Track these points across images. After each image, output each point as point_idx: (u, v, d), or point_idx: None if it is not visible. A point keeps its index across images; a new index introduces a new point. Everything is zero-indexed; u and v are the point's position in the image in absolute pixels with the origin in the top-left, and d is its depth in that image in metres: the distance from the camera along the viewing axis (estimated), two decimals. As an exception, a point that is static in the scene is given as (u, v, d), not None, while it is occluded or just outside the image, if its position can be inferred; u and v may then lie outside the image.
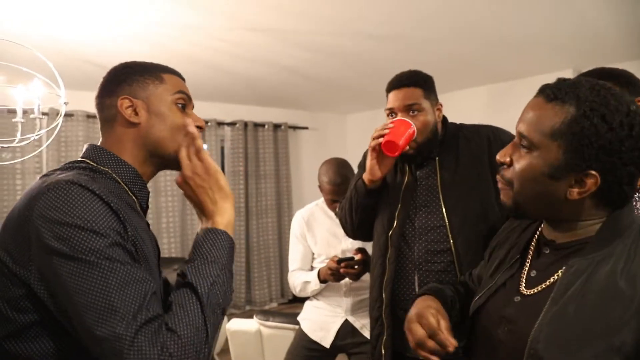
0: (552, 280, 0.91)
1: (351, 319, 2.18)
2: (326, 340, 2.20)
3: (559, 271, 0.91)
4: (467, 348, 1.08)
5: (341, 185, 2.19)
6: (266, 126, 5.33)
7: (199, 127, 1.09)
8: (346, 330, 2.18)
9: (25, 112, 2.41)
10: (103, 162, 1.02)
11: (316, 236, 2.32)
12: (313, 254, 2.37)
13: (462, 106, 3.91)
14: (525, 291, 0.95)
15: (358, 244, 2.15)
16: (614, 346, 0.80)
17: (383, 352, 1.68)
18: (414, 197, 1.64)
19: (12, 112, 2.45)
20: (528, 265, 0.99)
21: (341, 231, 2.23)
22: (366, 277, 2.08)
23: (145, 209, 1.08)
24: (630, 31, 3.09)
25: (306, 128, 5.72)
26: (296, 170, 5.66)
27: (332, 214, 2.31)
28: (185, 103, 1.10)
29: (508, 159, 0.93)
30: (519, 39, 3.20)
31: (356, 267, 1.98)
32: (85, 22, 2.71)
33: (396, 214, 1.63)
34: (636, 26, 2.99)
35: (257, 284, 5.19)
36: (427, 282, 1.58)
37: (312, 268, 2.36)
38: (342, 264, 1.99)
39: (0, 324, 0.88)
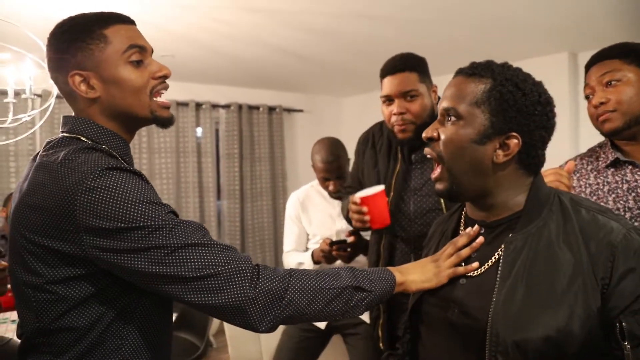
0: (493, 260, 0.96)
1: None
2: (321, 322, 2.22)
3: (499, 249, 0.95)
4: (411, 340, 1.10)
5: (333, 162, 2.21)
6: (261, 109, 5.31)
7: (164, 76, 1.02)
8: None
9: (17, 93, 2.38)
10: (98, 137, 0.99)
11: (311, 217, 2.34)
12: (308, 234, 2.38)
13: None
14: (469, 273, 0.99)
15: (349, 227, 2.16)
16: (566, 315, 0.84)
17: (380, 335, 1.71)
18: (407, 182, 1.65)
19: (4, 93, 2.43)
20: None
21: (335, 211, 2.25)
22: (362, 258, 2.10)
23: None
24: (625, 13, 3.08)
25: (301, 111, 5.69)
26: (291, 153, 5.65)
27: (326, 194, 2.32)
28: (140, 58, 0.99)
29: (435, 134, 0.98)
30: (513, 21, 3.19)
31: (348, 249, 2.00)
32: (79, 1, 2.67)
33: (389, 200, 1.64)
34: (631, 8, 2.98)
35: (252, 266, 5.22)
36: None
37: (307, 249, 2.37)
38: (334, 247, 2.01)
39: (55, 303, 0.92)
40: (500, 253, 0.94)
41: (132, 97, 0.99)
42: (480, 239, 1.00)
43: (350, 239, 2.01)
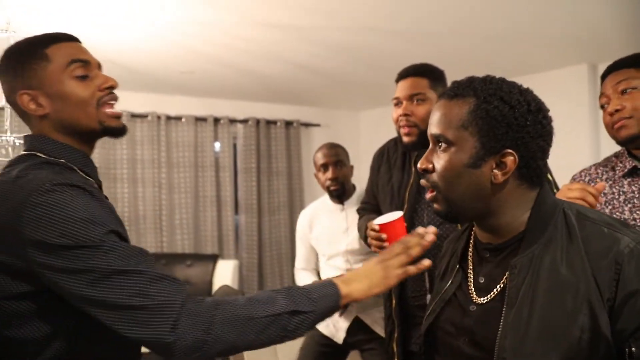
0: (501, 285, 0.91)
1: (362, 316, 2.18)
2: (338, 337, 2.21)
3: (506, 274, 0.91)
4: None
5: (331, 149, 2.27)
6: (278, 123, 5.34)
7: (110, 87, 1.03)
8: (357, 326, 2.18)
9: None
10: (55, 152, 1.01)
11: (319, 235, 2.34)
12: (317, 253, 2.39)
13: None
14: (478, 300, 0.95)
15: (355, 243, 2.16)
16: (575, 341, 0.80)
17: (395, 350, 1.69)
18: (421, 195, 1.65)
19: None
20: (472, 272, 0.99)
21: (344, 226, 2.23)
22: None
23: (100, 185, 1.08)
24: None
25: (318, 125, 5.72)
26: (308, 167, 5.66)
27: (334, 208, 2.30)
28: (84, 72, 1.01)
29: (430, 165, 0.94)
30: (531, 33, 3.17)
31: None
32: (102, 21, 2.74)
33: (403, 213, 1.65)
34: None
35: (270, 280, 5.21)
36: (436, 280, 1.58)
37: (316, 267, 2.40)
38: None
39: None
40: (507, 278, 0.90)
41: (78, 110, 1.00)
42: (430, 237, 0.96)
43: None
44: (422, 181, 0.98)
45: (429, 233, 0.97)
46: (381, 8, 2.72)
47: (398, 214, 1.55)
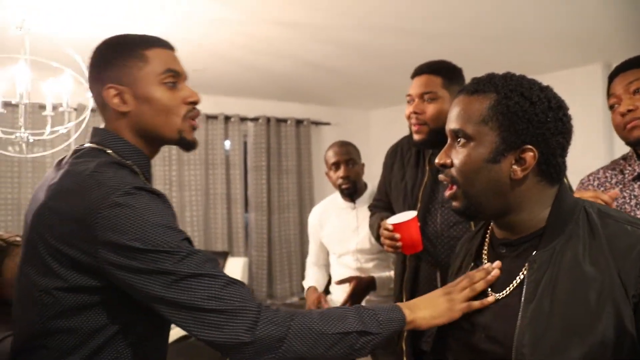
0: (518, 279, 0.91)
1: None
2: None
3: (523, 269, 0.90)
4: None
5: (342, 147, 2.28)
6: (289, 122, 5.35)
7: (194, 102, 1.06)
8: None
9: (54, 107, 2.47)
10: (124, 153, 1.02)
11: (329, 233, 2.35)
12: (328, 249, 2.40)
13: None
14: (494, 295, 0.94)
15: (365, 242, 2.15)
16: (599, 337, 0.80)
17: (404, 349, 1.68)
18: (435, 194, 1.64)
19: (43, 107, 2.52)
20: None
21: (354, 224, 2.23)
22: (389, 271, 2.09)
23: None
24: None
25: (328, 124, 5.71)
26: (318, 165, 5.66)
27: (345, 205, 2.30)
28: (174, 80, 1.04)
29: (449, 160, 0.94)
30: (544, 32, 3.14)
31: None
32: (114, 19, 2.76)
33: (416, 213, 1.64)
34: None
35: (279, 278, 5.22)
36: (450, 279, 1.57)
37: (328, 264, 2.41)
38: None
39: (50, 306, 0.93)
40: (525, 272, 0.90)
41: (161, 117, 1.02)
42: (496, 273, 0.95)
43: (348, 287, 2.00)
44: (441, 176, 0.98)
45: (494, 268, 0.96)
46: (393, 7, 2.71)
47: (412, 214, 1.53)
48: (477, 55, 3.56)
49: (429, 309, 0.99)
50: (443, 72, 1.62)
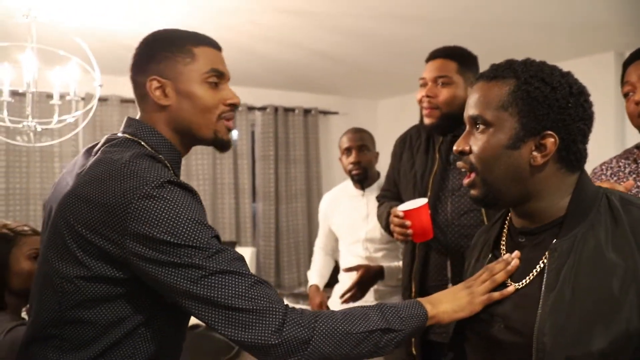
0: (538, 268, 0.90)
1: (380, 304, 2.18)
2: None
3: (543, 257, 0.89)
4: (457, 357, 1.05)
5: (356, 133, 2.26)
6: (296, 111, 5.33)
7: (233, 105, 1.07)
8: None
9: (62, 96, 2.46)
10: (157, 146, 1.02)
11: (338, 221, 2.35)
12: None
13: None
14: (514, 285, 0.93)
15: (375, 231, 2.14)
16: (623, 325, 0.78)
17: (413, 340, 1.68)
18: (445, 182, 1.62)
19: (50, 97, 2.51)
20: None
21: (364, 213, 2.22)
22: (398, 262, 2.08)
23: None
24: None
25: (337, 113, 5.68)
26: (326, 155, 5.65)
27: (356, 193, 2.29)
28: (218, 81, 1.05)
29: (467, 147, 0.93)
30: (555, 20, 3.09)
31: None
32: (122, 7, 2.74)
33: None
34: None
35: (287, 268, 5.24)
36: (460, 267, 1.56)
37: (335, 252, 2.42)
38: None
39: (71, 294, 0.93)
40: (545, 261, 0.88)
41: (199, 114, 1.03)
42: (516, 263, 0.94)
43: (355, 275, 1.99)
44: (460, 163, 0.97)
45: (514, 259, 0.95)
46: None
47: (423, 201, 1.52)
48: (487, 42, 3.51)
49: (450, 303, 0.99)
50: (458, 57, 1.60)
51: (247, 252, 4.35)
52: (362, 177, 2.22)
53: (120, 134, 1.03)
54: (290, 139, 5.32)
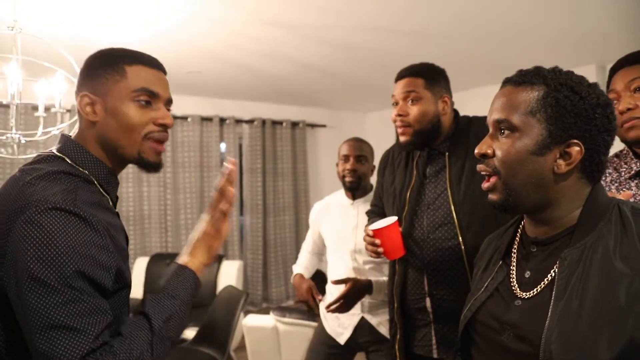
0: (549, 278, 0.89)
1: (367, 317, 2.16)
2: (342, 337, 2.19)
3: (554, 267, 0.89)
4: None
5: (356, 142, 2.28)
6: (284, 124, 5.33)
7: (164, 125, 1.05)
8: (363, 327, 2.16)
9: (47, 108, 2.44)
10: (81, 161, 1.02)
11: (327, 230, 2.34)
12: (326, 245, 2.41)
13: (487, 104, 3.83)
14: (524, 294, 0.93)
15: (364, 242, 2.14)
16: (628, 334, 0.78)
17: (397, 353, 1.67)
18: (421, 196, 1.64)
19: (35, 108, 2.49)
20: (515, 267, 0.98)
21: (354, 222, 2.22)
22: (385, 271, 2.08)
23: (115, 202, 1.09)
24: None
25: (324, 126, 5.71)
26: (314, 168, 5.66)
27: (347, 203, 2.29)
28: (148, 100, 1.03)
29: (490, 150, 0.93)
30: (538, 33, 3.15)
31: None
32: (108, 19, 2.74)
33: (403, 215, 1.64)
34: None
35: (274, 281, 5.20)
36: (436, 281, 1.56)
37: (323, 252, 2.47)
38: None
39: None
40: (556, 270, 0.88)
41: (123, 132, 1.02)
42: (231, 167, 1.04)
43: (344, 288, 1.98)
44: (480, 166, 0.96)
45: (228, 167, 1.04)
46: (390, 8, 2.70)
47: (392, 219, 1.54)
48: (473, 55, 3.56)
49: (205, 254, 1.07)
50: (424, 73, 1.64)
51: (234, 265, 4.31)
52: (355, 186, 2.23)
53: (52, 150, 1.04)
54: (278, 152, 5.32)
